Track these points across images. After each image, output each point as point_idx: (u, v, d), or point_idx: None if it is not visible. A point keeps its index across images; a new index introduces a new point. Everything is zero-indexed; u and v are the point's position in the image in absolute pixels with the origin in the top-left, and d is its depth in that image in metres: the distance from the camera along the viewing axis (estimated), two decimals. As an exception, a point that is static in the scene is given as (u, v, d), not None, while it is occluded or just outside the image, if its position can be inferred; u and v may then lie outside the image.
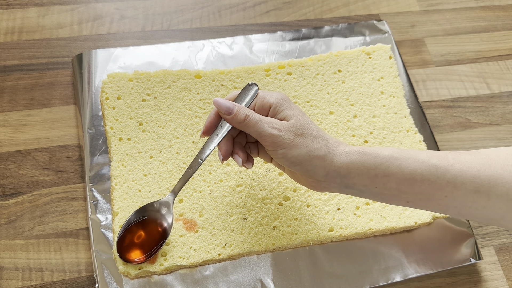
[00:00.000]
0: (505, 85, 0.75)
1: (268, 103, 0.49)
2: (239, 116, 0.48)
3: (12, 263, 0.53)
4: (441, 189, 0.45)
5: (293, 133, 0.47)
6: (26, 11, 0.69)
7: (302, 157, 0.47)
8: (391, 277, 0.56)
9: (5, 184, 0.57)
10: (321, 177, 0.47)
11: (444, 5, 0.82)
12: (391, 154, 0.46)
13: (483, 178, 0.44)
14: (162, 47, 0.67)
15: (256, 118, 0.47)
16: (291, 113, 0.48)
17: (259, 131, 0.47)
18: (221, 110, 0.48)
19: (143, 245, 0.53)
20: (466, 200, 0.45)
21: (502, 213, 0.45)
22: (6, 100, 0.62)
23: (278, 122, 0.48)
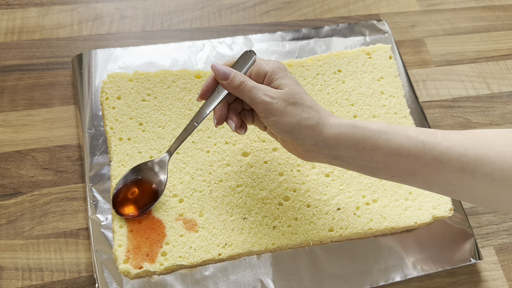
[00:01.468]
0: (505, 85, 0.75)
1: (264, 70, 0.50)
2: (235, 82, 0.49)
3: (12, 263, 0.53)
4: (427, 165, 0.45)
5: (285, 102, 0.48)
6: (26, 11, 0.69)
7: (292, 126, 0.48)
8: (391, 277, 0.56)
9: (5, 184, 0.57)
10: (309, 147, 0.48)
11: (444, 5, 0.82)
12: (380, 128, 0.47)
13: (469, 157, 0.44)
14: (162, 47, 0.67)
15: (251, 85, 0.48)
16: (285, 82, 0.49)
17: (253, 97, 0.48)
18: (218, 75, 0.49)
19: (137, 201, 0.55)
20: (451, 177, 0.45)
21: (486, 192, 0.45)
22: (6, 100, 0.62)
23: (272, 90, 0.49)
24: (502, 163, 0.43)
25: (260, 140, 0.61)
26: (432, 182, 0.47)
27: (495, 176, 0.44)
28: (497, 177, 0.44)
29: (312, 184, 0.60)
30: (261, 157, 0.60)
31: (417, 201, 0.60)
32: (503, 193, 0.45)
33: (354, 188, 0.60)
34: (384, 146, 0.46)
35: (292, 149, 0.52)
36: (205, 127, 0.61)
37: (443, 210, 0.60)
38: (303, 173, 0.60)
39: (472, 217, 0.63)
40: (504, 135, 0.45)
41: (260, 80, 0.50)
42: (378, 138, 0.46)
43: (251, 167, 0.60)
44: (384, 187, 0.61)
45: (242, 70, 0.51)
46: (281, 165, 0.60)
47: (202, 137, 0.61)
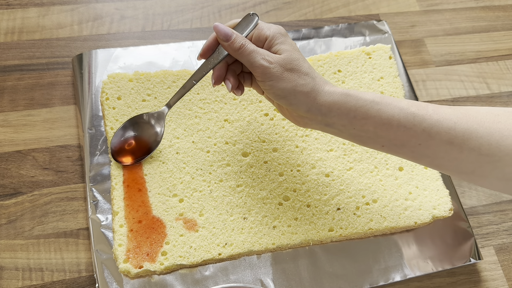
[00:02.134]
0: (505, 85, 0.75)
1: (265, 35, 0.51)
2: (235, 44, 0.49)
3: (12, 263, 0.53)
4: (415, 136, 0.46)
5: (282, 67, 0.49)
6: (26, 11, 0.69)
7: (287, 91, 0.49)
8: (391, 277, 0.56)
9: (5, 184, 0.57)
10: (303, 113, 0.49)
11: (444, 5, 0.82)
12: (373, 99, 0.48)
13: (458, 131, 0.45)
14: (162, 47, 0.67)
15: (250, 49, 0.49)
16: (284, 48, 0.50)
17: (251, 61, 0.49)
18: (219, 36, 0.50)
19: (133, 152, 0.58)
20: (439, 150, 0.46)
21: (472, 167, 0.46)
22: (6, 100, 0.63)
23: (271, 54, 0.49)
24: (490, 139, 0.44)
25: (260, 140, 0.61)
26: (420, 154, 0.48)
27: (482, 151, 0.44)
28: (483, 152, 0.44)
29: (312, 184, 0.60)
30: (261, 157, 0.60)
31: (417, 201, 0.60)
32: (488, 168, 0.45)
33: (354, 188, 0.60)
34: (375, 116, 0.47)
35: (287, 115, 0.53)
36: (205, 127, 0.61)
37: (443, 210, 0.60)
38: (303, 173, 0.60)
39: (472, 217, 0.64)
40: (495, 112, 0.46)
41: (261, 44, 0.51)
42: (370, 108, 0.47)
43: (251, 167, 0.60)
44: (384, 187, 0.61)
45: (243, 33, 0.51)
46: (281, 165, 0.60)
47: (202, 137, 0.61)
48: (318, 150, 0.62)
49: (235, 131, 0.62)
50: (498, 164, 0.44)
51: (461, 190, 0.65)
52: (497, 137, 0.44)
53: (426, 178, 0.62)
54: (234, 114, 0.63)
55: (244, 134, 0.62)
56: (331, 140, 0.63)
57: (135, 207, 0.55)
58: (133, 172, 0.57)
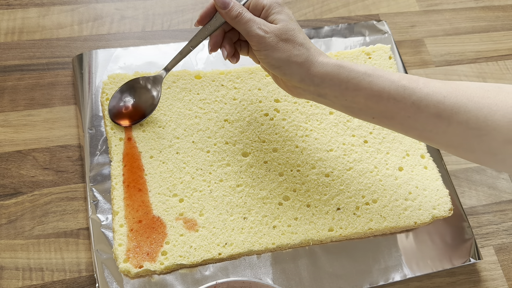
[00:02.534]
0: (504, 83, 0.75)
1: (262, 4, 0.51)
2: (232, 12, 0.50)
3: (12, 263, 0.53)
4: (405, 109, 0.47)
5: (277, 37, 0.49)
6: (27, 11, 0.69)
7: (281, 61, 0.49)
8: (390, 276, 0.56)
9: (6, 184, 0.57)
10: (296, 83, 0.51)
11: (443, 5, 0.82)
12: (365, 71, 0.48)
13: (447, 104, 0.45)
14: (162, 47, 0.67)
15: (247, 17, 0.50)
16: (281, 17, 0.51)
17: (248, 30, 0.50)
18: (217, 3, 0.51)
19: (130, 115, 0.60)
20: (427, 123, 0.47)
21: (460, 140, 0.46)
22: (7, 100, 0.63)
23: (267, 24, 0.50)
24: (478, 113, 0.44)
25: (260, 140, 0.62)
26: (409, 126, 0.48)
27: (470, 124, 0.45)
28: (471, 126, 0.45)
29: (312, 184, 0.60)
30: (261, 157, 0.60)
31: (416, 201, 0.60)
32: (475, 142, 0.46)
33: (354, 188, 0.60)
34: (366, 88, 0.48)
35: (281, 84, 0.54)
36: (205, 127, 0.61)
37: (443, 210, 0.60)
38: (303, 173, 0.60)
39: (471, 217, 0.64)
40: (485, 88, 0.46)
41: (257, 13, 0.52)
42: (361, 79, 0.48)
43: (251, 167, 0.60)
44: (384, 187, 0.61)
45: (241, 1, 0.52)
46: (281, 165, 0.60)
47: (202, 137, 0.61)
48: (318, 150, 0.62)
49: (235, 131, 0.62)
50: (485, 138, 0.45)
51: (460, 190, 0.65)
52: (485, 112, 0.44)
53: (426, 178, 0.62)
54: (234, 114, 0.63)
55: (244, 134, 0.62)
56: (331, 140, 0.63)
57: (135, 207, 0.55)
58: (133, 172, 0.57)
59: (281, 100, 0.65)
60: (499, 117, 0.44)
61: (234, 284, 0.47)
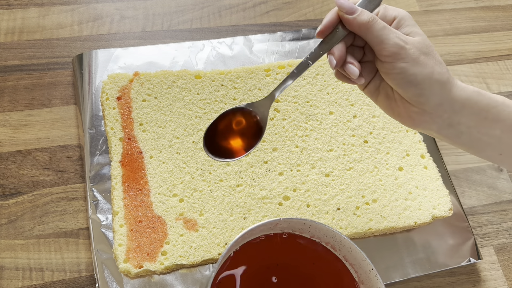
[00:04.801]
0: (505, 85, 0.75)
1: (392, 15, 0.45)
2: (363, 17, 0.43)
3: (12, 263, 0.53)
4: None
5: (419, 50, 0.43)
6: (27, 11, 0.69)
7: (422, 77, 0.43)
8: (390, 276, 0.56)
9: (6, 184, 0.57)
10: (431, 107, 0.44)
11: (443, 6, 0.82)
12: (503, 101, 0.44)
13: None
14: (162, 47, 0.67)
15: (382, 24, 0.43)
16: (417, 31, 0.44)
17: (383, 37, 0.42)
18: (343, 9, 0.43)
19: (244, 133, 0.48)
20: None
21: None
22: (7, 100, 0.63)
23: (404, 35, 0.43)
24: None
25: (260, 140, 0.62)
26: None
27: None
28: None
29: (312, 184, 0.60)
30: (261, 157, 0.60)
31: (416, 201, 0.60)
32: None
33: (354, 188, 0.60)
34: (506, 119, 0.44)
35: (400, 110, 0.45)
36: (205, 127, 0.61)
37: (443, 210, 0.60)
38: (303, 173, 0.60)
39: (471, 217, 0.64)
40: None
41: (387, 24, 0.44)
42: (501, 110, 0.44)
43: (251, 167, 0.60)
44: (384, 187, 0.61)
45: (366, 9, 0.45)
46: (281, 165, 0.60)
47: (202, 137, 0.61)
48: (318, 150, 0.62)
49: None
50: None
51: (460, 190, 0.65)
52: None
53: (426, 178, 0.62)
54: (234, 114, 0.63)
55: (244, 134, 0.62)
56: (331, 140, 0.63)
57: (135, 207, 0.55)
58: (133, 172, 0.57)
59: (281, 100, 0.65)
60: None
61: (295, 225, 0.47)
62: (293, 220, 0.47)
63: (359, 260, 0.47)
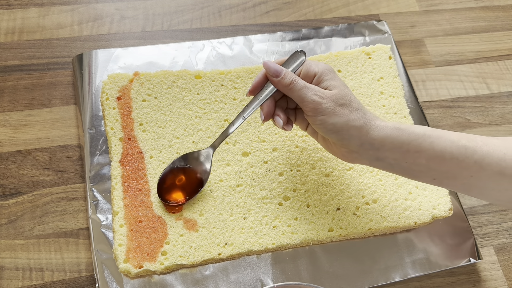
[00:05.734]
0: (505, 85, 0.75)
1: (314, 71, 0.51)
2: (286, 80, 0.50)
3: (12, 263, 0.53)
4: (468, 168, 0.47)
5: (334, 102, 0.49)
6: (27, 11, 0.69)
7: (340, 126, 0.49)
8: (391, 277, 0.56)
9: (6, 184, 0.57)
10: (354, 148, 0.49)
11: (443, 6, 0.82)
12: (424, 132, 0.48)
13: (508, 161, 0.46)
14: (162, 47, 0.67)
15: (301, 84, 0.50)
16: (335, 84, 0.50)
17: (302, 96, 0.49)
18: (269, 72, 0.51)
19: (184, 187, 0.57)
20: (490, 181, 0.47)
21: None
22: (7, 100, 0.63)
23: (322, 90, 0.50)
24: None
25: (260, 140, 0.62)
26: (471, 186, 0.48)
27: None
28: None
29: (312, 184, 0.60)
30: (261, 157, 0.60)
31: (416, 201, 0.60)
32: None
33: (354, 188, 0.60)
34: (428, 149, 0.47)
35: (334, 150, 0.52)
36: (205, 127, 0.61)
37: (443, 210, 0.60)
38: (303, 173, 0.60)
39: (471, 217, 0.64)
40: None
41: (309, 80, 0.52)
42: (422, 141, 0.47)
43: (251, 167, 0.60)
44: (384, 187, 0.61)
45: (291, 69, 0.53)
46: (281, 165, 0.60)
47: (202, 137, 0.61)
48: (318, 150, 0.62)
49: (235, 131, 0.62)
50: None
51: (460, 190, 0.65)
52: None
53: (426, 178, 0.62)
54: (234, 114, 0.63)
55: (244, 134, 0.62)
56: (331, 140, 0.63)
57: (135, 207, 0.55)
58: (133, 172, 0.57)
59: (281, 100, 0.65)
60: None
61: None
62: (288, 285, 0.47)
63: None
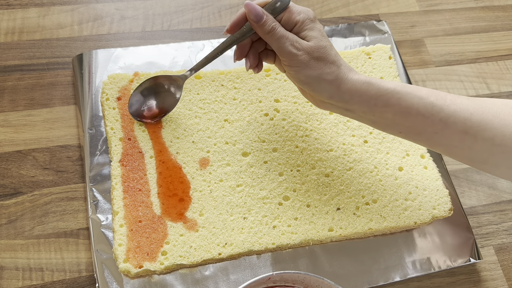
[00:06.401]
0: (505, 85, 0.75)
1: (295, 19, 0.51)
2: (266, 27, 0.50)
3: (12, 263, 0.53)
4: (432, 125, 0.48)
5: (309, 55, 0.49)
6: (27, 11, 0.69)
7: (311, 78, 0.50)
8: (390, 277, 0.56)
9: (6, 184, 0.57)
10: (325, 98, 0.51)
11: (443, 6, 0.82)
12: (394, 87, 0.49)
13: (473, 121, 0.46)
14: (162, 47, 0.67)
15: (280, 33, 0.50)
16: (313, 34, 0.50)
17: (280, 46, 0.50)
18: (250, 15, 0.50)
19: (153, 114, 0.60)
20: (454, 139, 0.48)
21: (485, 156, 0.47)
22: (7, 100, 0.63)
23: (299, 41, 0.50)
24: (504, 130, 0.46)
25: (260, 140, 0.62)
26: (436, 142, 0.49)
27: (496, 141, 0.46)
28: (497, 143, 0.46)
29: (312, 184, 0.60)
30: (261, 157, 0.60)
31: (416, 201, 0.60)
32: (500, 158, 0.47)
33: (354, 188, 0.60)
34: (394, 105, 0.48)
35: (308, 97, 0.55)
36: (205, 127, 0.61)
37: (443, 210, 0.60)
38: (303, 173, 0.60)
39: (471, 217, 0.64)
40: (510, 105, 0.47)
41: (289, 27, 0.51)
42: (390, 96, 0.48)
43: (251, 167, 0.60)
44: (384, 187, 0.61)
45: (274, 14, 0.51)
46: (281, 165, 0.60)
47: (202, 137, 0.61)
48: (318, 150, 0.62)
49: (235, 131, 0.62)
50: (510, 154, 0.46)
51: (460, 190, 0.65)
52: (511, 129, 0.45)
53: (425, 178, 0.62)
54: (234, 114, 0.63)
55: (244, 134, 0.62)
56: (331, 140, 0.63)
57: (135, 207, 0.55)
58: (133, 172, 0.57)
59: (281, 100, 0.65)
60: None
61: (288, 277, 0.47)
62: (286, 273, 0.47)
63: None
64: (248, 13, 0.50)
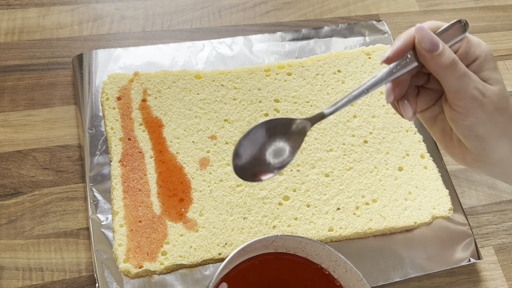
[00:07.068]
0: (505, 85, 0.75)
1: (475, 54, 0.39)
2: (444, 60, 0.37)
3: (12, 263, 0.53)
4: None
5: (494, 105, 0.38)
6: (27, 11, 0.69)
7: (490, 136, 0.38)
8: (390, 277, 0.56)
9: (6, 184, 0.57)
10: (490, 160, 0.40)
11: (443, 6, 0.82)
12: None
13: None
14: (162, 47, 0.67)
15: (463, 70, 0.37)
16: (497, 77, 0.39)
17: (461, 87, 0.37)
18: (423, 43, 0.37)
19: None
20: None
21: None
22: (7, 100, 0.63)
23: (483, 84, 0.38)
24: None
25: (260, 140, 0.62)
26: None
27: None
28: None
29: (311, 184, 0.60)
30: (261, 157, 0.60)
31: (416, 201, 0.60)
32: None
33: (354, 188, 0.60)
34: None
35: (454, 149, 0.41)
36: (205, 127, 0.61)
37: (443, 210, 0.60)
38: (303, 173, 0.60)
39: (471, 217, 0.64)
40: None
41: (466, 63, 0.39)
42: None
43: (251, 167, 0.60)
44: (384, 187, 0.61)
45: (448, 44, 0.38)
46: (281, 165, 0.60)
47: (202, 137, 0.61)
48: (318, 150, 0.62)
49: (235, 131, 0.62)
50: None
51: (460, 190, 0.65)
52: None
53: (425, 178, 0.62)
54: (234, 114, 0.63)
55: (244, 134, 0.62)
56: (331, 140, 0.63)
57: (135, 207, 0.55)
58: (133, 172, 0.57)
59: (281, 100, 0.65)
60: None
61: (290, 243, 0.47)
62: (289, 237, 0.47)
63: (354, 281, 0.47)
64: (420, 39, 0.37)
